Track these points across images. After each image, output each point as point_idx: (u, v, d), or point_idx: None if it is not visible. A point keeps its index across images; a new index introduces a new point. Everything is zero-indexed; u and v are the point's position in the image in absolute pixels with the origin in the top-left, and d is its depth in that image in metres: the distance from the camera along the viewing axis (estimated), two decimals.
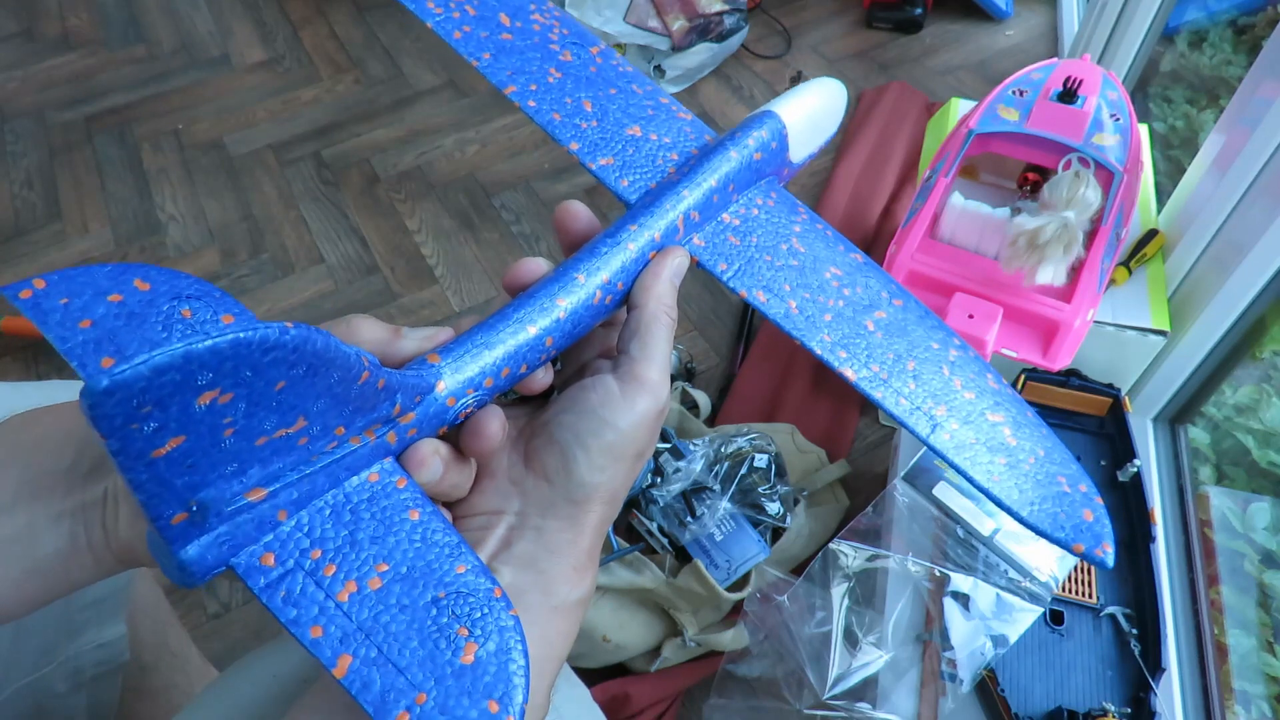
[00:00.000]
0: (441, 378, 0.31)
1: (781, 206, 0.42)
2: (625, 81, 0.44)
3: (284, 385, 0.24)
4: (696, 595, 0.83)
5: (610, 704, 0.85)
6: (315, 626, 0.26)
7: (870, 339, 0.37)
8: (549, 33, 0.45)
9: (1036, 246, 0.81)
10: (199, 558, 0.25)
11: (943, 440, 0.35)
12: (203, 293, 0.28)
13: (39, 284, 0.27)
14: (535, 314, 0.33)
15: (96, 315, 0.27)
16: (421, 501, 0.29)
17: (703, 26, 1.49)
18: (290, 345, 0.24)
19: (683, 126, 0.43)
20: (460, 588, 0.27)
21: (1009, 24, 1.70)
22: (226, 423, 0.24)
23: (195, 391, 0.22)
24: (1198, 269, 0.89)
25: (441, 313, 1.23)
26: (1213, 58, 1.43)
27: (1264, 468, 0.96)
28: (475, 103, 1.55)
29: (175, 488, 0.24)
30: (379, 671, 0.25)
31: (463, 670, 0.26)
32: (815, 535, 0.94)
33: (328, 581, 0.26)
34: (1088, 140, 0.89)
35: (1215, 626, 0.83)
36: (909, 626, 0.76)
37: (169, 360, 0.21)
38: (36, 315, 0.26)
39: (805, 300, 0.38)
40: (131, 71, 1.63)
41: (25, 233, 1.35)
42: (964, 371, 0.38)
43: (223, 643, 0.90)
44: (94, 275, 0.28)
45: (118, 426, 0.22)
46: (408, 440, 0.30)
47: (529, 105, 0.41)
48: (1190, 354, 0.89)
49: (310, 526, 0.27)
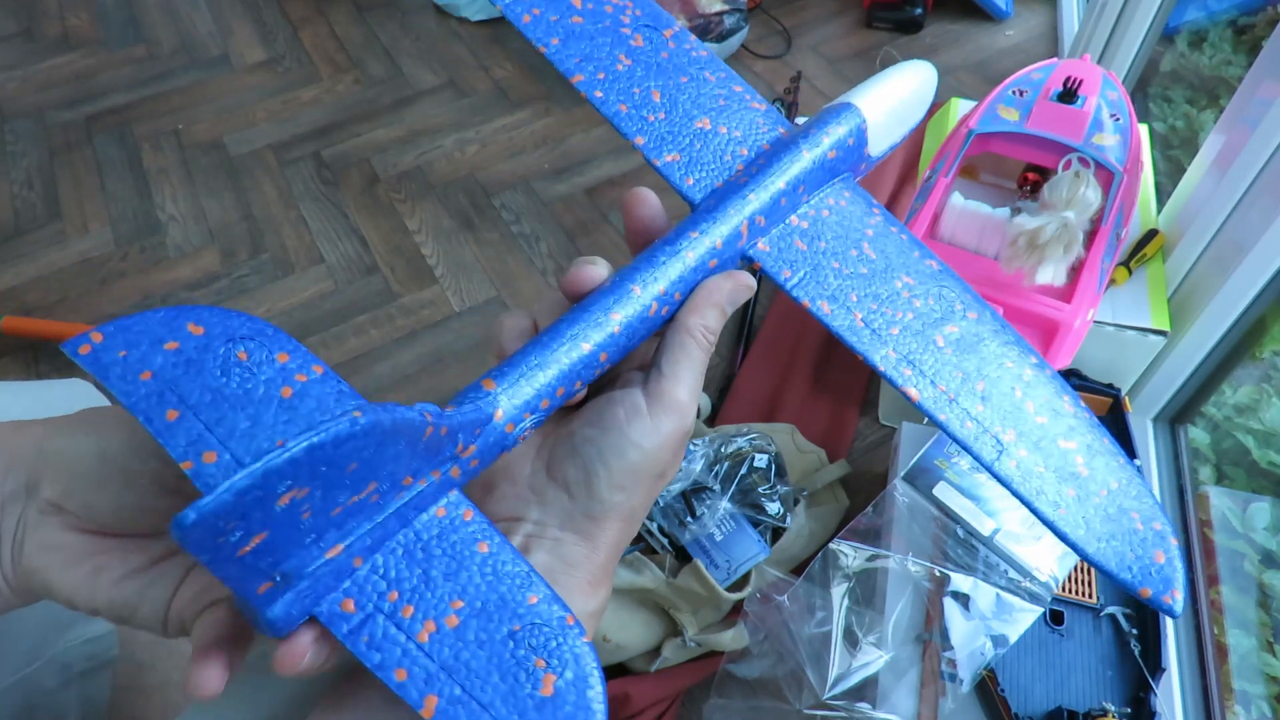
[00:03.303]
0: (499, 405, 0.30)
1: (854, 207, 0.39)
2: (698, 68, 0.42)
3: (356, 466, 0.25)
4: (696, 595, 0.83)
5: (610, 704, 0.84)
6: (400, 669, 0.26)
7: (939, 356, 0.35)
8: (620, 14, 0.42)
9: (1036, 246, 0.81)
10: (284, 614, 0.26)
11: (1008, 468, 0.33)
12: (255, 332, 0.29)
13: (96, 338, 0.27)
14: (589, 329, 0.32)
15: (155, 366, 0.27)
16: (489, 533, 0.29)
17: (703, 26, 1.49)
18: (361, 434, 0.24)
19: (755, 118, 0.40)
20: (534, 619, 0.27)
21: (1009, 24, 1.70)
22: (304, 510, 0.24)
23: (275, 498, 0.23)
24: (1198, 269, 0.89)
25: (441, 313, 1.23)
26: (1213, 58, 1.43)
27: (1264, 468, 0.96)
28: (475, 103, 1.55)
29: (260, 570, 0.25)
30: (464, 710, 0.26)
31: (543, 703, 0.26)
32: (815, 535, 0.94)
33: (407, 623, 0.27)
34: (1088, 140, 0.89)
35: (1215, 626, 0.83)
36: (909, 626, 0.76)
37: (250, 482, 0.22)
38: (98, 370, 0.27)
39: (872, 312, 0.36)
40: (131, 71, 1.63)
41: (25, 233, 1.35)
42: (1038, 393, 0.35)
43: None
44: (149, 323, 0.28)
45: (207, 546, 0.22)
46: (471, 471, 0.30)
47: (595, 95, 0.40)
48: (1190, 354, 0.89)
49: (385, 569, 0.28)
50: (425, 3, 1.78)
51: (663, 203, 0.37)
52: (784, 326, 1.17)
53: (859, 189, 0.40)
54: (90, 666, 0.51)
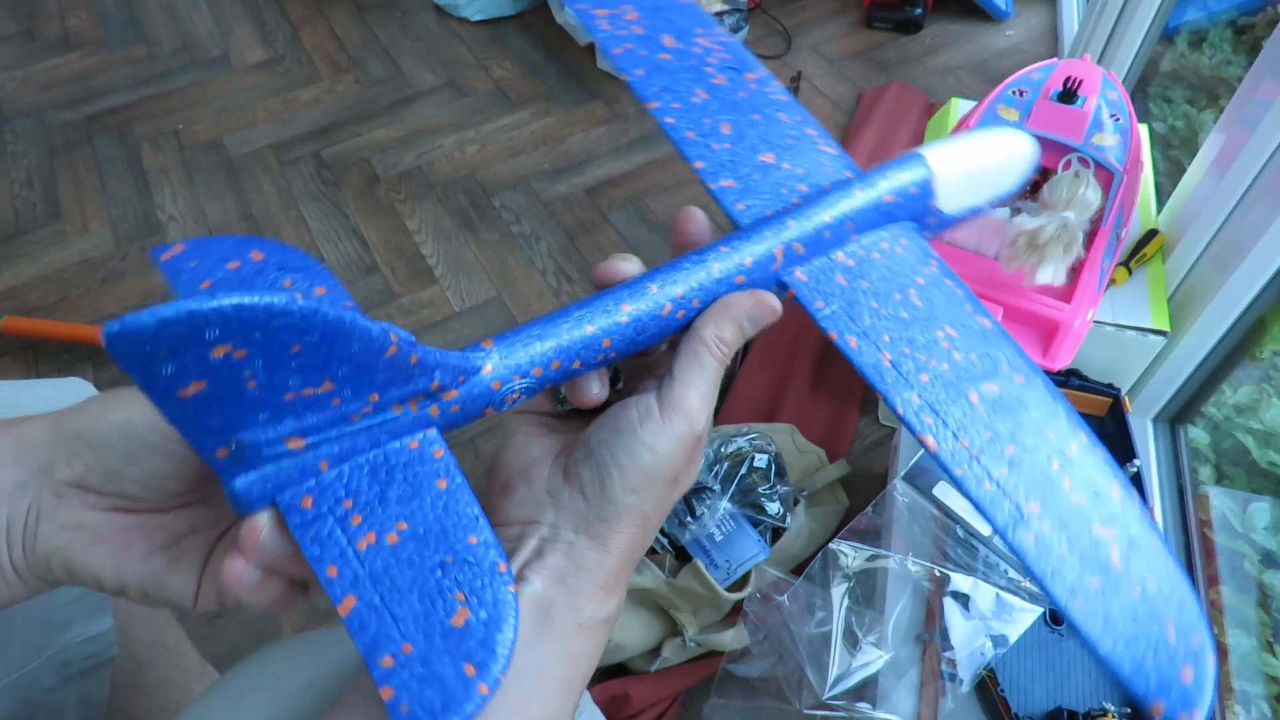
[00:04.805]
0: (489, 361, 0.32)
1: (909, 255, 0.38)
2: (773, 109, 0.43)
3: (299, 349, 0.26)
4: (696, 595, 0.83)
5: (610, 704, 0.85)
6: (332, 566, 0.28)
7: (969, 411, 0.33)
8: (707, 56, 0.44)
9: (1036, 246, 0.81)
10: (246, 489, 0.28)
11: (1024, 539, 0.31)
12: (306, 266, 0.33)
13: (179, 248, 0.33)
14: (596, 314, 0.33)
15: (216, 278, 0.32)
16: (453, 474, 0.31)
17: None
18: (298, 314, 0.25)
19: (822, 160, 0.41)
20: (468, 556, 0.29)
21: (1009, 24, 1.70)
22: (247, 375, 0.26)
23: (207, 345, 0.25)
24: (1198, 269, 0.89)
25: (441, 313, 1.23)
26: (1212, 58, 1.43)
27: (1264, 468, 0.96)
28: (475, 103, 1.55)
29: (210, 426, 0.27)
30: (375, 616, 0.28)
31: (451, 631, 0.27)
32: (815, 535, 0.94)
33: (352, 529, 0.29)
34: (1088, 140, 0.89)
35: (1215, 626, 0.83)
36: (909, 626, 0.76)
37: (174, 315, 0.24)
38: (171, 273, 0.33)
39: (903, 355, 0.35)
40: (131, 71, 1.63)
41: (25, 232, 1.35)
42: (1080, 471, 0.33)
43: (222, 644, 0.90)
44: (222, 245, 0.34)
45: (135, 366, 0.24)
46: (452, 416, 0.31)
47: (666, 121, 0.41)
48: (1190, 354, 0.89)
49: (348, 479, 0.30)
50: (425, 3, 1.78)
51: (715, 225, 0.38)
52: (784, 327, 1.17)
53: (920, 239, 0.39)
54: (89, 665, 0.51)
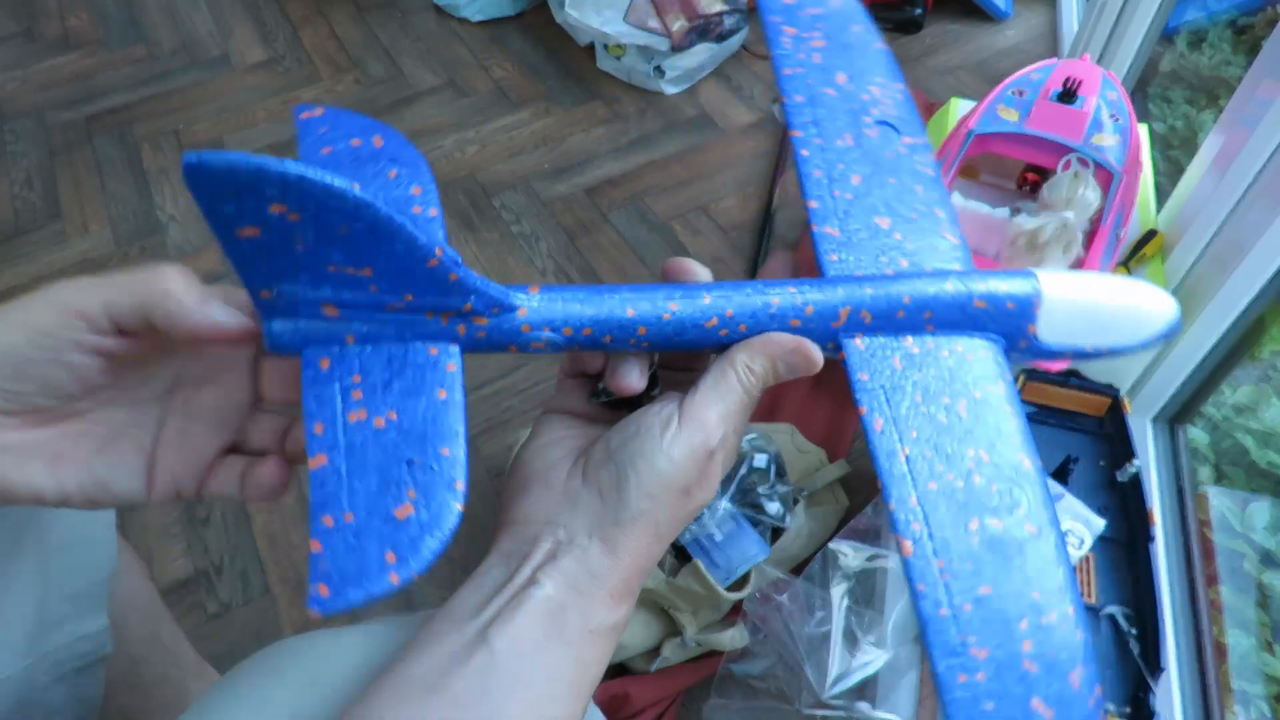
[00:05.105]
0: (526, 304, 0.34)
1: (980, 368, 0.36)
2: (912, 179, 0.41)
3: (347, 231, 0.29)
4: (696, 595, 0.83)
5: (610, 704, 0.85)
6: (320, 425, 0.31)
7: (961, 537, 0.32)
8: (872, 106, 0.43)
9: (1036, 246, 0.81)
10: (280, 333, 0.32)
11: (955, 677, 0.30)
12: (411, 162, 0.37)
13: (318, 110, 0.37)
14: (641, 301, 0.34)
15: (336, 149, 0.36)
16: (455, 390, 0.33)
17: (703, 27, 1.49)
18: (352, 202, 0.28)
19: (938, 244, 0.39)
20: (434, 464, 0.31)
21: (1009, 24, 1.70)
22: (297, 238, 0.29)
23: (266, 200, 0.28)
24: (1197, 269, 0.89)
25: None
26: (1212, 58, 1.43)
27: (1263, 468, 0.96)
28: (475, 103, 1.55)
29: (259, 269, 0.30)
30: (335, 480, 0.31)
31: (390, 519, 0.30)
32: (815, 535, 0.94)
33: (350, 402, 0.32)
34: (1087, 140, 0.89)
35: (1214, 626, 0.83)
36: (909, 626, 0.76)
37: (245, 165, 0.27)
38: (303, 130, 0.36)
39: (922, 456, 0.33)
40: (131, 71, 1.63)
41: (25, 233, 1.35)
42: (1050, 640, 0.31)
43: (223, 643, 0.90)
44: (354, 121, 0.37)
45: (203, 197, 0.27)
46: (476, 340, 0.33)
47: (801, 153, 0.41)
48: (1190, 354, 0.89)
49: (366, 359, 0.33)
50: (425, 3, 1.78)
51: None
52: None
53: (1000, 358, 0.37)
54: (84, 663, 0.51)
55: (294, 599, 0.94)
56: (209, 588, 0.95)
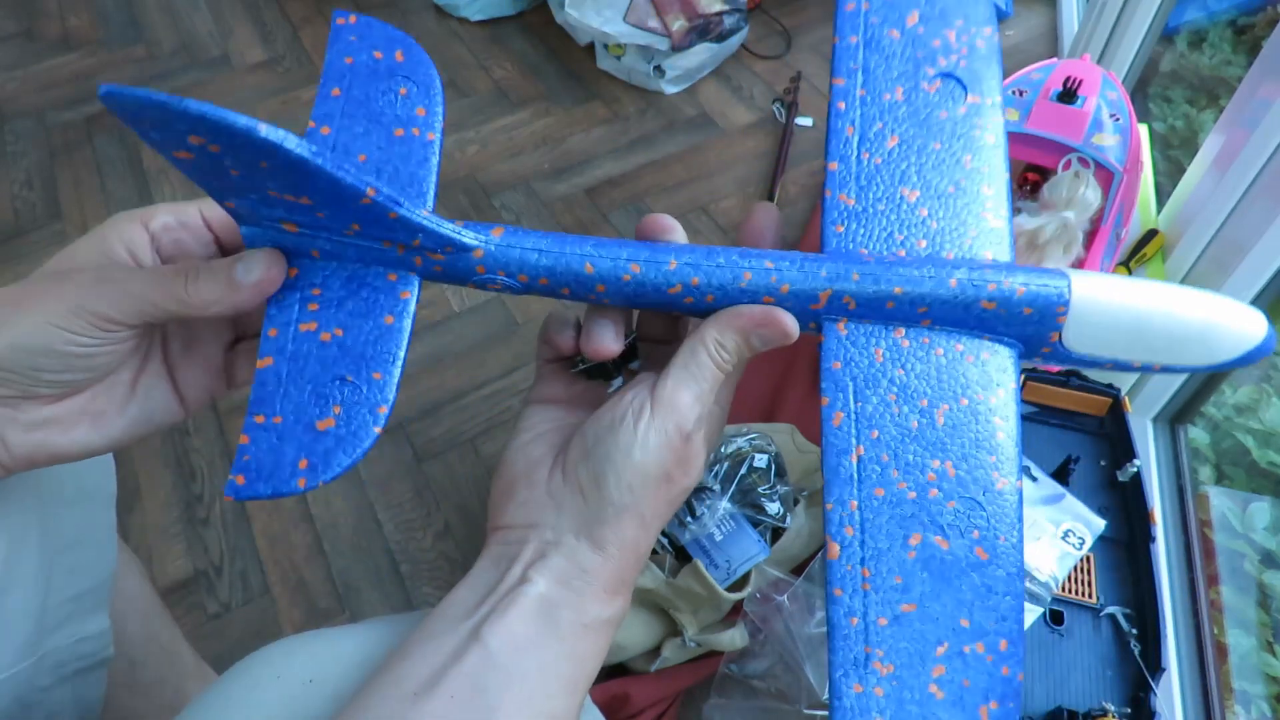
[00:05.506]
0: (483, 246, 0.34)
1: (977, 374, 0.33)
2: (964, 146, 0.36)
3: (267, 166, 0.29)
4: (696, 595, 0.83)
5: (610, 704, 0.85)
6: (274, 329, 0.34)
7: (896, 551, 0.30)
8: (940, 55, 0.37)
9: (1036, 246, 0.81)
10: (251, 238, 0.34)
11: (850, 687, 0.29)
12: (425, 82, 0.37)
13: (352, 19, 0.38)
14: (602, 260, 0.34)
15: (357, 59, 0.37)
16: (403, 318, 0.34)
17: (702, 27, 1.49)
18: (260, 141, 0.28)
19: (970, 225, 0.35)
20: (363, 385, 0.33)
21: (1009, 24, 1.70)
22: (227, 165, 0.29)
23: (182, 132, 0.28)
24: (1198, 269, 0.89)
25: (441, 313, 1.23)
26: (1212, 58, 1.43)
27: (1264, 468, 0.96)
28: (475, 102, 1.55)
29: (210, 185, 0.31)
30: (274, 384, 0.33)
31: (311, 429, 0.32)
32: (815, 535, 0.94)
33: (305, 313, 0.34)
34: (1087, 140, 0.89)
35: (1215, 626, 0.83)
36: None
37: (148, 99, 0.26)
38: (333, 36, 0.38)
39: (875, 461, 0.31)
40: (131, 71, 1.63)
41: (25, 233, 1.35)
42: (962, 672, 0.29)
43: (223, 643, 0.90)
44: (383, 33, 0.38)
45: (128, 121, 0.28)
46: (434, 273, 0.34)
47: (837, 105, 0.36)
48: None
49: (328, 275, 0.34)
50: (425, 2, 1.78)
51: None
52: None
53: (1010, 367, 0.33)
54: (85, 665, 0.51)
55: (294, 599, 0.94)
56: (209, 588, 0.95)
